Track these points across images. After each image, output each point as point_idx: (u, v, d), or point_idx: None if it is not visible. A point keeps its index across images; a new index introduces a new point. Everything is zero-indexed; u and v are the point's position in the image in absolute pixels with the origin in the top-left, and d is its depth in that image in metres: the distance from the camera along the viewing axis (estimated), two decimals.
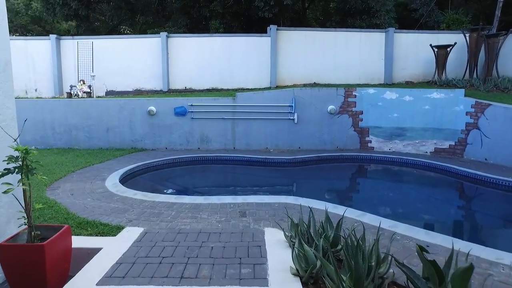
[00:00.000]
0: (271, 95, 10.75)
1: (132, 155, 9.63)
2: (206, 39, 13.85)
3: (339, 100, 10.80)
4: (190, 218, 4.47)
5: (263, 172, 9.01)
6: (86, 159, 8.85)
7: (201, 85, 13.82)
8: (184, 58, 13.82)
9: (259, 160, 9.23)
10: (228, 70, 13.82)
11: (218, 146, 10.80)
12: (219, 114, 10.68)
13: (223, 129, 10.76)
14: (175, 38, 13.81)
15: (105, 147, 10.82)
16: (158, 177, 8.20)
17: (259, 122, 10.75)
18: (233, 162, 9.42)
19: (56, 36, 13.94)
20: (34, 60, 14.56)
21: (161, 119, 10.71)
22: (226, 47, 13.80)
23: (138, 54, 13.93)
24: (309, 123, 10.80)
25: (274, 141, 10.84)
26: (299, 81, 13.68)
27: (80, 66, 13.60)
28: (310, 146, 10.83)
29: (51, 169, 7.59)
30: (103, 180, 6.54)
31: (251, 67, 13.79)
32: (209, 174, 8.69)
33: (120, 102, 10.74)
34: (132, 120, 10.75)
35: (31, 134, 11.06)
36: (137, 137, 10.81)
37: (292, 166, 9.16)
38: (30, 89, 14.75)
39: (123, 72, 13.87)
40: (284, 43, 13.67)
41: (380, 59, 13.35)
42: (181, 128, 10.74)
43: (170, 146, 10.82)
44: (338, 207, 4.81)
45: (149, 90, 13.91)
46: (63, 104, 10.91)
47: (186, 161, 9.23)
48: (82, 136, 10.90)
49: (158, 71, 13.80)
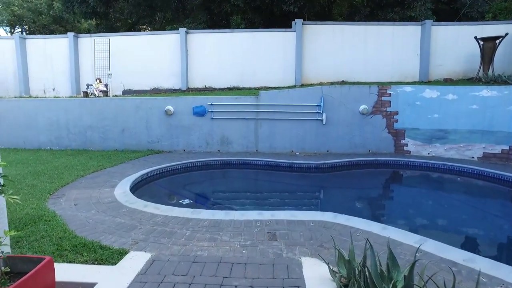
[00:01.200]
0: (298, 94, 9.87)
1: (148, 158, 8.97)
2: (227, 35, 13.11)
3: (372, 99, 9.80)
4: (208, 240, 3.68)
5: (290, 178, 8.16)
6: (99, 162, 8.26)
7: (221, 84, 13.09)
8: (204, 55, 13.14)
9: (285, 164, 8.38)
10: (250, 67, 13.03)
11: (239, 148, 10.02)
12: (241, 114, 9.90)
13: (245, 131, 9.97)
14: (195, 34, 13.14)
15: (120, 148, 10.25)
16: (173, 184, 7.50)
17: (284, 123, 9.90)
18: (256, 167, 8.61)
19: (74, 34, 13.54)
20: (53, 59, 14.22)
21: (179, 120, 10.03)
22: (248, 44, 13.02)
23: (156, 52, 13.35)
24: (338, 124, 9.86)
25: (300, 144, 9.96)
26: (326, 79, 12.72)
27: (97, 64, 13.15)
28: (339, 150, 9.90)
29: (59, 173, 7.00)
30: (112, 187, 5.86)
31: (274, 65, 12.95)
32: (230, 180, 7.90)
33: (136, 101, 10.13)
34: (148, 121, 10.12)
35: (46, 134, 10.64)
36: (154, 138, 10.17)
37: (322, 171, 8.26)
38: (48, 89, 14.44)
39: (140, 70, 13.33)
40: (310, 39, 12.76)
41: (415, 54, 12.23)
42: (200, 129, 10.03)
43: (189, 148, 10.12)
44: (387, 228, 3.91)
45: (167, 88, 13.30)
46: (78, 104, 10.41)
47: (204, 165, 8.49)
48: (97, 137, 10.36)
49: (176, 69, 13.17)
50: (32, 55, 14.42)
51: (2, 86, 14.98)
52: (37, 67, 14.45)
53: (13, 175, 6.78)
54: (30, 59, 14.47)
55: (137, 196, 5.63)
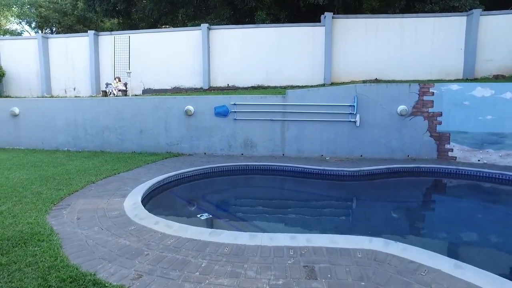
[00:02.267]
0: (328, 93, 8.97)
1: (166, 162, 8.34)
2: (252, 30, 12.37)
3: (412, 99, 8.76)
4: (229, 276, 2.90)
5: (322, 188, 7.29)
6: (113, 166, 7.69)
7: (245, 82, 12.37)
8: (226, 53, 12.46)
9: (316, 171, 7.51)
10: (276, 65, 12.24)
11: (264, 152, 9.23)
12: (267, 115, 9.11)
13: (270, 133, 9.17)
14: (217, 30, 12.48)
15: (138, 150, 9.69)
16: (191, 193, 6.80)
17: (314, 125, 9.03)
18: (283, 173, 7.79)
19: (94, 32, 13.20)
20: (74, 58, 13.97)
21: (200, 120, 9.35)
22: (274, 40, 12.23)
23: (177, 49, 12.80)
24: (374, 126, 8.88)
25: (331, 148, 9.06)
26: (358, 77, 11.76)
27: (116, 62, 12.75)
28: (374, 154, 8.92)
29: (70, 178, 6.45)
30: (123, 197, 5.21)
31: (302, 62, 12.11)
32: (254, 190, 7.10)
33: (155, 101, 9.53)
34: (167, 121, 9.50)
35: (63, 135, 10.24)
36: (173, 140, 9.55)
37: (357, 180, 7.33)
38: (69, 88, 14.19)
39: (161, 68, 12.82)
40: (340, 34, 11.82)
41: (458, 49, 11.06)
42: (222, 131, 9.31)
43: (210, 151, 9.43)
44: (462, 267, 2.96)
45: (188, 87, 12.72)
46: (95, 104, 9.93)
47: (226, 170, 7.75)
48: (114, 138, 9.85)
49: (198, 67, 12.57)
50: (54, 55, 14.22)
51: (26, 85, 14.89)
52: (58, 66, 14.24)
53: (22, 180, 6.32)
54: (52, 58, 14.28)
55: (150, 207, 4.96)
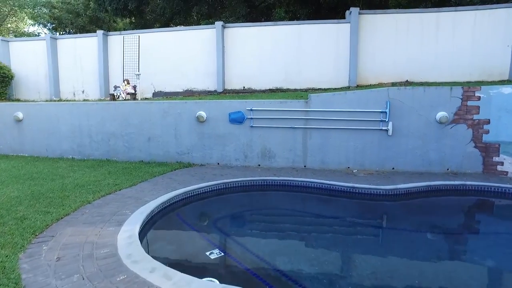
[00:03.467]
0: (357, 98, 7.95)
1: (174, 174, 7.49)
2: (269, 28, 11.44)
3: (454, 104, 7.65)
4: None
5: (352, 209, 6.28)
6: (116, 180, 6.89)
7: (262, 85, 11.45)
8: (242, 53, 11.57)
9: (344, 189, 6.51)
10: (295, 66, 11.28)
11: (284, 163, 8.29)
12: (287, 122, 8.16)
13: (291, 142, 8.22)
14: (233, 28, 11.60)
15: (146, 159, 8.90)
16: (201, 216, 5.90)
17: (339, 133, 8.03)
18: (307, 190, 6.82)
19: (103, 32, 12.52)
20: (82, 59, 13.34)
21: (213, 128, 8.48)
22: (294, 38, 11.27)
23: (190, 49, 11.99)
24: (408, 135, 7.82)
25: (359, 159, 8.04)
26: (386, 79, 10.68)
27: (125, 64, 12.02)
28: (408, 167, 7.86)
29: (64, 197, 5.66)
30: (119, 225, 4.36)
31: (324, 62, 11.10)
32: (274, 212, 6.12)
33: (164, 106, 8.71)
34: (177, 128, 8.67)
35: (68, 142, 9.55)
36: (183, 149, 8.70)
37: (392, 200, 6.29)
38: (77, 91, 13.58)
39: (172, 70, 12.03)
40: (367, 31, 10.76)
41: (505, 46, 9.85)
42: (237, 139, 8.41)
43: (223, 161, 8.55)
44: None
45: (201, 90, 11.89)
46: (100, 109, 9.18)
47: (241, 186, 6.84)
48: (120, 146, 9.08)
49: (212, 68, 11.72)
50: (63, 56, 13.64)
51: (35, 88, 14.37)
52: (67, 68, 13.65)
53: (11, 199, 5.57)
54: (61, 60, 13.70)
55: (149, 239, 4.09)
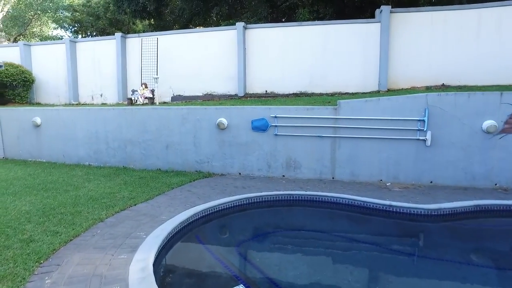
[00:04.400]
0: (391, 105, 7.26)
1: (193, 186, 7.01)
2: (294, 29, 10.86)
3: (505, 112, 6.85)
4: None
5: (390, 231, 5.61)
6: (132, 192, 6.46)
7: (285, 89, 10.88)
8: (265, 55, 11.03)
9: (379, 207, 5.85)
10: (321, 69, 10.65)
11: (310, 174, 7.68)
12: (314, 130, 7.55)
13: (318, 152, 7.60)
14: (254, 29, 11.08)
15: (163, 168, 8.47)
16: (222, 239, 5.36)
17: (371, 143, 7.36)
18: (338, 207, 6.19)
19: (121, 35, 12.24)
20: (101, 63, 13.12)
21: (234, 135, 7.96)
22: (319, 39, 10.65)
23: (210, 52, 11.54)
24: (449, 146, 7.07)
25: (393, 171, 7.34)
26: (420, 83, 9.92)
27: (143, 67, 11.67)
28: (448, 181, 7.11)
29: (76, 213, 5.26)
30: (132, 251, 3.89)
31: (352, 65, 10.44)
32: (304, 235, 5.49)
33: (183, 111, 8.25)
34: (197, 136, 8.19)
35: (84, 148, 9.24)
36: (203, 157, 8.22)
37: (435, 222, 5.58)
38: (96, 95, 13.36)
39: (191, 73, 11.61)
40: (399, 31, 10.03)
41: None
42: (260, 148, 7.86)
43: (245, 171, 8.01)
44: None
45: (221, 94, 11.41)
46: (117, 114, 8.82)
47: (265, 201, 6.28)
48: (137, 153, 8.69)
49: (233, 72, 11.23)
50: (81, 59, 13.47)
51: (54, 92, 14.29)
52: (86, 72, 13.47)
53: (20, 214, 5.22)
54: (80, 63, 13.54)
55: (165, 270, 3.59)
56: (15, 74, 13.11)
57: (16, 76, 13.13)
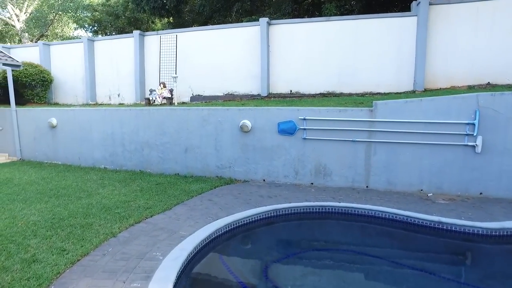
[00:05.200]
0: (435, 106, 6.46)
1: (215, 194, 6.42)
2: (321, 25, 10.14)
3: None
4: None
5: (440, 254, 4.84)
6: (148, 200, 5.93)
7: (312, 88, 10.18)
8: (290, 52, 10.37)
9: (427, 224, 5.09)
10: (350, 67, 9.90)
11: (341, 182, 6.96)
12: (346, 133, 6.83)
13: (351, 157, 6.88)
14: (279, 25, 10.42)
15: (182, 172, 7.93)
16: (249, 260, 4.71)
17: (411, 149, 6.58)
18: (375, 221, 5.47)
19: (139, 32, 11.81)
20: (118, 62, 12.74)
21: (259, 139, 7.33)
22: (349, 35, 9.90)
23: (231, 49, 10.96)
24: (503, 153, 6.21)
25: (435, 180, 6.54)
26: (461, 81, 9.04)
27: (162, 66, 11.19)
28: (502, 193, 6.25)
29: (87, 225, 4.75)
30: (146, 278, 3.33)
31: (384, 62, 9.65)
32: (341, 257, 4.77)
33: (203, 113, 7.68)
34: (218, 139, 7.61)
35: (100, 151, 8.82)
36: (225, 162, 7.63)
37: (497, 243, 4.78)
38: (113, 94, 13.00)
39: (211, 72, 11.06)
40: (438, 24, 9.17)
41: None
42: (287, 153, 7.20)
43: (270, 177, 7.37)
44: None
45: (243, 94, 10.81)
46: (133, 115, 8.34)
47: (295, 214, 5.63)
48: (155, 157, 8.18)
49: (255, 70, 10.61)
50: (99, 58, 13.13)
51: (72, 92, 14.03)
52: (103, 71, 13.13)
53: (28, 226, 4.77)
54: (97, 62, 13.21)
55: None
56: (34, 74, 12.90)
57: (35, 76, 12.92)
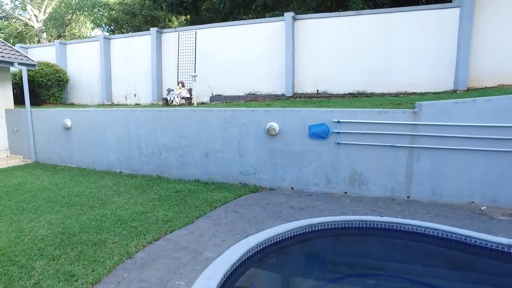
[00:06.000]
0: (492, 107, 5.67)
1: (240, 204, 5.80)
2: (350, 19, 9.42)
3: None
4: None
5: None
6: (168, 211, 5.36)
7: (340, 88, 9.47)
8: (316, 50, 9.68)
9: (491, 247, 4.34)
10: (382, 64, 9.15)
11: (379, 192, 6.24)
12: (385, 138, 6.10)
13: (390, 164, 6.15)
14: (305, 20, 9.75)
15: (202, 178, 7.35)
16: (278, 283, 4.07)
17: (461, 156, 5.81)
18: (425, 240, 4.75)
19: (157, 29, 11.32)
20: (135, 60, 12.29)
21: (287, 143, 6.67)
22: (380, 30, 9.15)
23: (253, 46, 10.34)
24: None
25: (490, 192, 5.75)
26: (511, 79, 8.16)
27: (180, 64, 10.66)
28: None
29: (100, 242, 4.20)
30: None
31: (420, 59, 8.86)
32: (385, 284, 4.09)
33: (226, 114, 7.07)
34: (242, 143, 6.98)
35: (115, 154, 8.33)
36: (249, 168, 7.00)
37: None
38: (129, 94, 12.55)
39: (232, 70, 10.47)
40: (484, 16, 8.32)
41: None
42: (318, 159, 6.52)
43: (299, 185, 6.70)
44: None
45: (266, 94, 10.17)
46: (150, 117, 7.81)
47: (331, 229, 4.95)
48: (173, 161, 7.63)
49: (278, 68, 9.96)
50: (116, 57, 12.71)
51: (88, 92, 13.68)
52: (119, 70, 12.70)
53: (34, 242, 4.28)
54: (114, 61, 12.79)
55: None
56: (49, 73, 12.59)
57: (51, 75, 12.61)
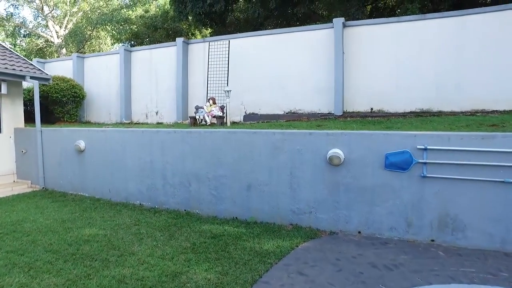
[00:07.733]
0: None
1: (302, 260, 4.31)
2: (411, 25, 8.04)
3: None
4: None
5: None
6: (209, 270, 3.94)
7: (399, 105, 8.01)
8: (370, 61, 8.30)
9: None
10: (453, 77, 7.67)
11: (481, 241, 4.66)
12: (491, 171, 4.57)
13: (499, 205, 4.59)
14: (357, 27, 8.43)
15: (242, 216, 5.91)
16: None
17: None
18: None
19: (183, 40, 10.19)
20: (158, 75, 11.15)
21: (354, 175, 5.19)
22: (450, 37, 7.71)
23: (294, 58, 9.05)
24: None
25: None
26: None
27: (210, 78, 9.41)
28: None
29: None
30: None
31: (503, 71, 7.33)
32: None
33: (275, 138, 5.67)
34: (295, 174, 5.54)
35: (135, 182, 6.99)
36: (303, 205, 5.53)
37: None
38: (150, 112, 11.37)
39: (270, 85, 9.16)
40: None
41: None
42: (395, 196, 5.01)
43: (369, 229, 5.18)
44: None
45: (310, 112, 8.78)
46: (179, 139, 6.47)
47: None
48: (206, 194, 6.23)
49: (325, 83, 8.60)
50: (136, 71, 11.61)
51: (105, 109, 12.58)
52: (140, 85, 11.57)
53: None
54: (134, 76, 11.69)
55: None
56: (65, 89, 11.54)
57: (66, 91, 11.56)
